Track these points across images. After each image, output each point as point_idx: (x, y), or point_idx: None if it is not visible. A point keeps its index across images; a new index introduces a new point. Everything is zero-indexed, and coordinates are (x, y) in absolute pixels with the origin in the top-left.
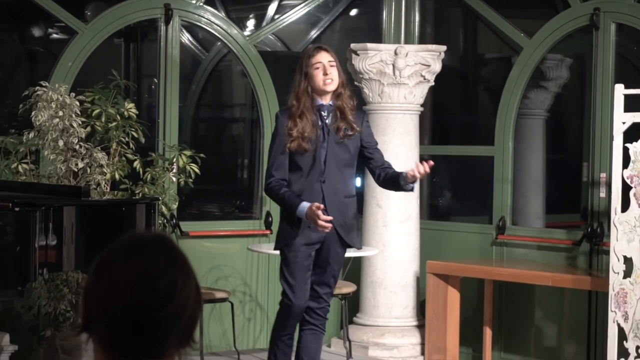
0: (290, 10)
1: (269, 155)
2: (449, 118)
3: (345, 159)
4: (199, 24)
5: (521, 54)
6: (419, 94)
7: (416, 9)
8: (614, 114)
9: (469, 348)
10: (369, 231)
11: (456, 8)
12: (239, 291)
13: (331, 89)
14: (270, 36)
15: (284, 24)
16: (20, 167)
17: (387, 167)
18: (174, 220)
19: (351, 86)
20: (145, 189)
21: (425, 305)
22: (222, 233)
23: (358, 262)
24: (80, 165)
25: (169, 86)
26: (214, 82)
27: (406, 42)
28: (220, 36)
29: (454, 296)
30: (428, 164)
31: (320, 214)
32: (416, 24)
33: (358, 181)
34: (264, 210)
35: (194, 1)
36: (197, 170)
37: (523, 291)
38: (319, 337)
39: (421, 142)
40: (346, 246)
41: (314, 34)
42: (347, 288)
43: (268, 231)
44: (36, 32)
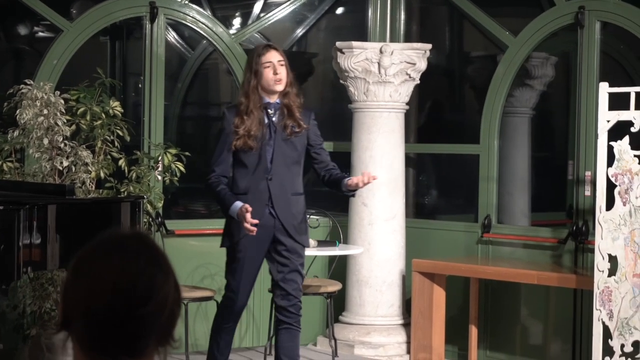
0: (276, 8)
1: (214, 150)
2: (434, 116)
3: (292, 156)
4: (184, 22)
5: (506, 52)
6: (405, 92)
7: (402, 8)
8: (599, 112)
9: (454, 346)
10: (355, 229)
11: (442, 6)
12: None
13: (280, 88)
14: (256, 34)
15: (270, 22)
16: (5, 166)
17: (332, 169)
18: (159, 219)
19: (298, 85)
20: (131, 188)
21: (411, 303)
22: (208, 231)
23: (343, 261)
24: (65, 163)
25: (155, 84)
26: (200, 81)
27: (392, 41)
28: (205, 34)
29: (439, 294)
30: (371, 177)
31: (248, 216)
32: (402, 22)
33: None
34: None
35: None
36: (183, 169)
37: (508, 289)
38: (295, 335)
39: (407, 141)
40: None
41: (300, 32)
42: (333, 286)
43: None
44: (21, 31)
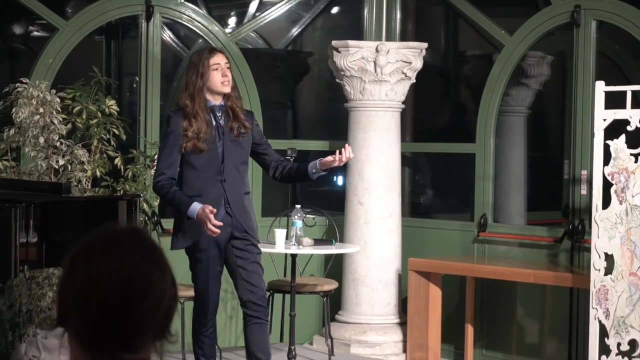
0: (272, 7)
1: (160, 153)
2: (430, 115)
3: (241, 156)
4: (180, 21)
5: (502, 51)
6: (401, 91)
7: (397, 7)
8: (595, 111)
9: (450, 345)
10: (351, 228)
11: (437, 6)
12: (221, 289)
13: (228, 90)
14: (252, 33)
15: (265, 21)
16: (1, 164)
17: (284, 161)
18: (155, 218)
19: (238, 89)
20: (127, 186)
21: (407, 302)
22: None
23: (340, 260)
24: (61, 162)
25: (150, 83)
26: None
27: (387, 40)
28: (201, 33)
29: (435, 293)
30: (349, 153)
31: (212, 218)
32: (397, 21)
33: (340, 180)
34: None
35: None
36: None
37: (504, 288)
38: (264, 328)
39: (402, 140)
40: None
41: (295, 31)
42: (329, 285)
43: None
44: (16, 29)
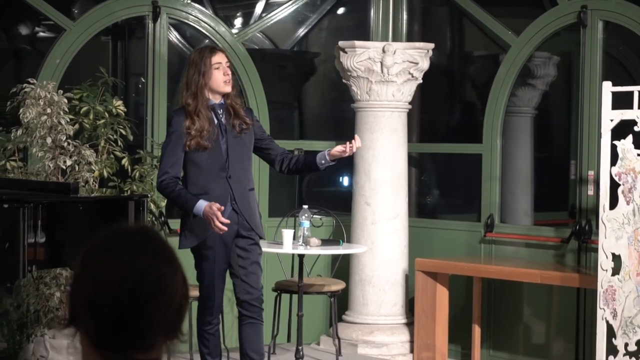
0: (278, 8)
1: (163, 153)
2: (436, 116)
3: (244, 153)
4: (186, 21)
5: (509, 51)
6: (407, 91)
7: (403, 7)
8: (602, 112)
9: (457, 345)
10: (358, 229)
11: (443, 6)
12: (228, 289)
13: (229, 90)
14: (258, 34)
15: (272, 22)
16: (9, 165)
17: (289, 154)
18: (162, 218)
19: (238, 87)
20: (134, 187)
21: (414, 302)
22: None
23: (347, 260)
24: (69, 162)
25: (157, 84)
26: None
27: (394, 40)
28: (208, 34)
29: (442, 294)
30: (356, 139)
31: (219, 215)
32: (404, 21)
33: (346, 180)
34: None
35: None
36: None
37: (511, 289)
38: (258, 328)
39: (409, 140)
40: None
41: (302, 31)
42: (336, 286)
43: None
44: (23, 30)
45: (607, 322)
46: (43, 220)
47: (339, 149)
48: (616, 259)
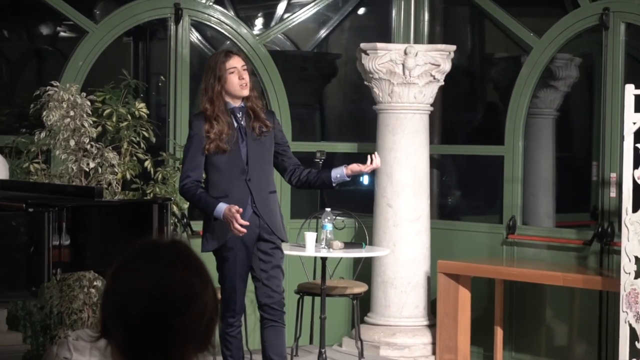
0: (300, 9)
1: (184, 157)
2: (458, 117)
3: (264, 155)
4: (208, 23)
5: (531, 53)
6: (429, 93)
7: (425, 8)
8: (625, 114)
9: (480, 347)
10: (380, 231)
11: (464, 5)
12: (250, 290)
13: (246, 93)
14: (279, 35)
15: (294, 24)
16: (32, 167)
17: (302, 166)
18: (185, 220)
19: (259, 88)
20: (157, 189)
21: (436, 304)
22: None
23: (369, 262)
24: (92, 165)
25: (179, 85)
26: None
27: (415, 41)
28: (230, 35)
29: (464, 296)
30: (376, 157)
31: (238, 217)
32: (425, 22)
33: (366, 179)
34: None
35: (204, 0)
36: None
37: (533, 291)
38: (280, 331)
39: (431, 142)
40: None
41: (323, 33)
42: (359, 288)
43: None
44: (44, 31)
45: (630, 325)
46: (68, 222)
47: (357, 167)
48: (639, 262)
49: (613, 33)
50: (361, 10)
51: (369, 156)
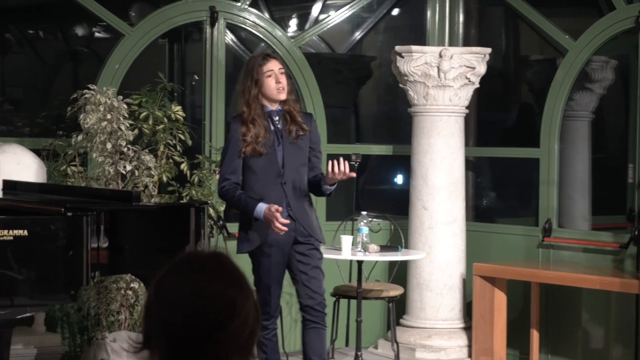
0: (335, 11)
1: (222, 160)
2: (493, 119)
3: (300, 158)
4: (243, 26)
5: (566, 56)
6: (464, 96)
7: (460, 10)
8: None
9: (516, 350)
10: (415, 233)
11: (498, 6)
12: (286, 292)
13: (283, 97)
14: (314, 37)
15: (329, 26)
16: (69, 170)
17: (320, 174)
18: (220, 222)
19: (296, 91)
20: (193, 192)
21: (471, 307)
22: None
23: (404, 265)
24: (128, 167)
25: (215, 88)
26: None
27: (450, 43)
28: (264, 38)
29: (500, 298)
30: (344, 163)
31: (279, 216)
32: (460, 25)
33: (400, 179)
34: None
35: (239, 3)
36: None
37: (569, 293)
38: (322, 333)
39: (466, 144)
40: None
41: (358, 35)
42: (395, 291)
43: None
44: (79, 32)
45: None
46: (106, 224)
47: (330, 174)
48: None
49: None
50: (395, 11)
51: (329, 162)
